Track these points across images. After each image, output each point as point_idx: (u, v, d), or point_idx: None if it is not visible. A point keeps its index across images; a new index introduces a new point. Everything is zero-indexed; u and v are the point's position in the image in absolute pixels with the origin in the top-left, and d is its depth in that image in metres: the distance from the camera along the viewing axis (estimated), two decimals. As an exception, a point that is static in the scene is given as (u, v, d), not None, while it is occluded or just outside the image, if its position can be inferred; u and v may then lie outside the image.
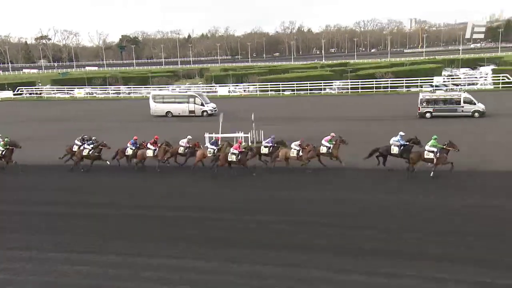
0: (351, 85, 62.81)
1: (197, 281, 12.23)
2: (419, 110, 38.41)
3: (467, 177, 20.37)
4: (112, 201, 19.74)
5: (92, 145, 24.81)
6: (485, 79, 64.66)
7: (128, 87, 76.16)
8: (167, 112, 45.79)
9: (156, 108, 46.19)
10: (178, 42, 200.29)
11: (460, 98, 38.15)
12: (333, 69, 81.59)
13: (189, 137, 24.99)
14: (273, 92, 63.73)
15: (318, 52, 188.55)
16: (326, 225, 15.64)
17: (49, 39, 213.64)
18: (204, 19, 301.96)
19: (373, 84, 61.05)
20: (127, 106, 58.51)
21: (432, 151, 20.58)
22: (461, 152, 20.71)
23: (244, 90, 68.69)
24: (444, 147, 20.58)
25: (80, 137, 25.87)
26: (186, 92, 49.80)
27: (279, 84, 64.25)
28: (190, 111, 45.57)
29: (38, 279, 12.74)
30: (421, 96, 39.64)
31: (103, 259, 13.80)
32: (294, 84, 63.40)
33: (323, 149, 23.04)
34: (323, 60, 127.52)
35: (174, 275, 12.59)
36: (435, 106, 38.16)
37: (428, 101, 38.55)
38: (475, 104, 37.72)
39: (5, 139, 25.70)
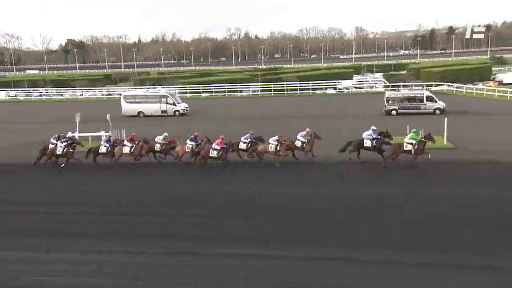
0: (261, 88, 64.70)
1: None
2: (385, 107, 39.05)
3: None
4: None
5: (65, 143, 23.38)
6: (376, 83, 68.63)
7: (47, 90, 73.93)
8: (139, 112, 44.07)
9: (128, 108, 44.34)
10: (126, 47, 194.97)
11: (423, 97, 39.08)
12: (251, 73, 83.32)
13: (165, 134, 24.25)
14: (192, 94, 63.95)
15: (263, 58, 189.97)
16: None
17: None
18: (152, 24, 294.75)
19: (284, 86, 63.43)
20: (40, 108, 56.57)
21: (411, 143, 20.89)
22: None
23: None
24: (422, 139, 20.99)
25: (56, 135, 24.26)
26: (158, 92, 48.05)
27: (199, 87, 65.83)
28: (162, 111, 44.10)
29: None
30: (387, 94, 40.37)
31: None
32: (212, 86, 65.19)
33: (298, 144, 22.90)
34: (262, 65, 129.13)
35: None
36: (400, 104, 38.88)
37: (394, 100, 39.30)
38: (436, 102, 38.71)
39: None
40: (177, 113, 43.86)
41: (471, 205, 15.78)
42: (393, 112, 38.51)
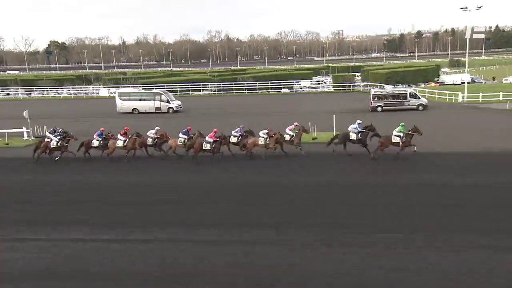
0: (223, 87, 65.69)
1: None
2: (371, 104, 38.91)
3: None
4: None
5: (59, 137, 22.85)
6: (325, 84, 70.50)
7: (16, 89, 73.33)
8: (134, 109, 43.32)
9: (122, 105, 43.62)
10: (108, 48, 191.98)
11: (407, 94, 39.21)
12: (215, 74, 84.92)
13: (157, 128, 23.84)
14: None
15: (243, 59, 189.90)
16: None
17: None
18: (135, 26, 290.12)
19: (244, 86, 64.42)
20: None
21: (399, 136, 20.94)
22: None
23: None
24: (409, 132, 21.06)
25: (52, 129, 23.76)
26: (152, 90, 47.40)
27: (164, 86, 65.94)
28: (156, 108, 43.57)
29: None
30: (372, 92, 40.38)
31: None
32: (177, 86, 65.48)
33: (287, 137, 22.80)
34: (238, 66, 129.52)
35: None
36: (385, 100, 38.83)
37: (379, 97, 39.27)
38: (419, 98, 38.97)
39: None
40: (170, 110, 43.37)
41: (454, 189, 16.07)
42: (379, 108, 38.46)
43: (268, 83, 64.62)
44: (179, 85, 64.93)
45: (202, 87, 66.51)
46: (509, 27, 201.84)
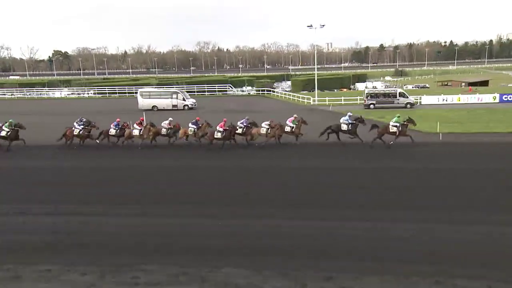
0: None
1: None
2: (364, 102, 39.09)
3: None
4: None
5: (82, 126, 22.52)
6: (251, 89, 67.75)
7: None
8: (153, 107, 42.24)
9: (143, 103, 42.81)
10: (106, 57, 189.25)
11: (396, 93, 39.28)
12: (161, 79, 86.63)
13: (170, 119, 23.60)
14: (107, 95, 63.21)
15: (228, 68, 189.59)
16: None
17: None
18: (130, 37, 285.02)
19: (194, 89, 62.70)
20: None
21: (396, 126, 20.99)
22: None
23: (78, 94, 67.92)
24: (405, 122, 21.10)
25: (79, 119, 23.45)
26: (170, 89, 47.12)
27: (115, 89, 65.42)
28: (173, 105, 42.85)
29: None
30: (366, 91, 40.64)
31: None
32: (125, 88, 64.63)
33: (287, 129, 22.82)
34: (215, 73, 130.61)
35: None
36: (377, 99, 38.84)
37: (372, 95, 39.40)
38: (407, 97, 38.91)
39: (10, 121, 23.01)
40: (186, 107, 42.80)
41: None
42: (371, 106, 38.43)
43: (205, 86, 63.37)
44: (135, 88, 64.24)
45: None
46: (461, 42, 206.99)
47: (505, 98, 40.52)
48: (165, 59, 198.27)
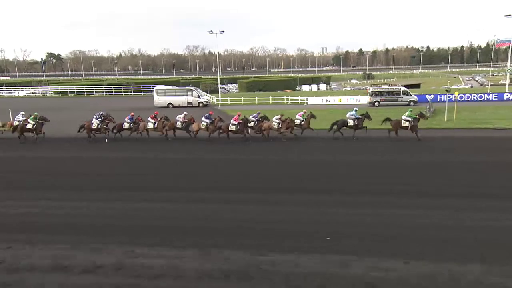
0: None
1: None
2: (369, 100, 38.65)
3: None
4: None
5: (99, 119, 22.07)
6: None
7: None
8: (169, 104, 41.46)
9: (159, 100, 41.98)
10: (99, 60, 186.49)
11: (400, 91, 38.78)
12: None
13: (185, 113, 23.20)
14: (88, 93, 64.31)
15: (216, 70, 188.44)
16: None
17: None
18: (122, 41, 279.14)
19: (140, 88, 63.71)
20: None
21: (408, 120, 20.70)
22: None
23: (39, 92, 68.38)
24: (416, 116, 20.80)
25: (98, 113, 22.95)
26: (185, 86, 46.47)
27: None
28: (188, 102, 41.91)
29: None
30: (371, 89, 40.29)
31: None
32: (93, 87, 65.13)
33: (297, 122, 22.53)
34: (197, 74, 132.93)
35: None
36: (382, 96, 38.40)
37: (376, 93, 38.92)
38: (410, 95, 38.36)
39: (35, 114, 22.91)
40: (200, 104, 42.01)
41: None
42: (376, 103, 38.03)
43: (141, 87, 63.84)
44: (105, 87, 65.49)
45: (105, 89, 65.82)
46: (436, 47, 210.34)
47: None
48: (156, 61, 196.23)
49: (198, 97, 42.69)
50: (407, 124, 20.72)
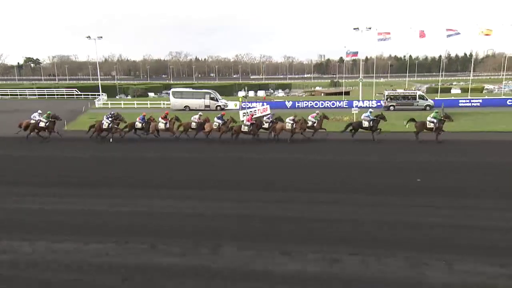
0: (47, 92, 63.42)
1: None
2: (384, 104, 37.76)
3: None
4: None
5: (110, 119, 21.60)
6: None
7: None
8: (185, 106, 40.03)
9: (176, 103, 40.68)
10: (80, 65, 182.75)
11: (416, 95, 38.06)
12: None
13: (200, 113, 23.11)
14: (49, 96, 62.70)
15: (199, 76, 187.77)
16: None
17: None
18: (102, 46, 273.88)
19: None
20: None
21: (433, 122, 20.38)
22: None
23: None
24: (442, 118, 20.52)
25: (109, 114, 22.49)
26: (203, 89, 45.24)
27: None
28: (206, 106, 40.07)
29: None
30: (386, 93, 39.15)
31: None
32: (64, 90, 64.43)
33: (309, 123, 22.28)
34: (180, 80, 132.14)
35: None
36: (397, 100, 37.47)
37: (391, 97, 37.98)
38: (427, 100, 37.55)
39: (48, 112, 22.85)
40: (218, 107, 40.25)
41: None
42: (391, 107, 36.92)
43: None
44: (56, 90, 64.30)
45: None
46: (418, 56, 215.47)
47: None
48: (137, 67, 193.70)
49: (216, 100, 41.22)
50: (431, 125, 20.40)
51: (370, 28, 42.18)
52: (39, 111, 23.04)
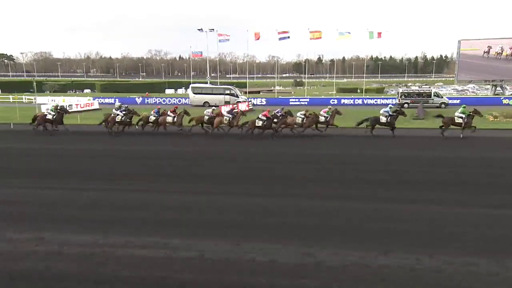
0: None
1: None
2: (399, 101, 37.04)
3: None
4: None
5: (123, 112, 21.32)
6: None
7: None
8: (205, 102, 39.05)
9: (195, 98, 39.78)
10: (53, 61, 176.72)
11: (431, 92, 37.55)
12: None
13: (213, 108, 22.87)
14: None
15: (179, 74, 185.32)
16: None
17: None
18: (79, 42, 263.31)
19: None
20: None
21: (461, 117, 19.71)
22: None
23: None
24: (470, 113, 19.89)
25: (119, 106, 22.17)
26: (223, 85, 44.68)
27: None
28: (226, 102, 38.32)
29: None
30: (400, 90, 38.75)
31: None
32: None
33: (322, 119, 21.79)
34: (163, 79, 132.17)
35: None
36: (412, 98, 36.96)
37: (405, 95, 37.55)
38: (442, 97, 37.28)
39: (55, 104, 23.06)
40: (239, 103, 38.38)
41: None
42: (405, 105, 35.74)
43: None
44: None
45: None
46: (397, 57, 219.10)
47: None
48: (115, 64, 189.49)
49: (237, 96, 40.10)
50: (460, 120, 19.82)
51: (213, 30, 47.24)
52: (54, 104, 22.83)
